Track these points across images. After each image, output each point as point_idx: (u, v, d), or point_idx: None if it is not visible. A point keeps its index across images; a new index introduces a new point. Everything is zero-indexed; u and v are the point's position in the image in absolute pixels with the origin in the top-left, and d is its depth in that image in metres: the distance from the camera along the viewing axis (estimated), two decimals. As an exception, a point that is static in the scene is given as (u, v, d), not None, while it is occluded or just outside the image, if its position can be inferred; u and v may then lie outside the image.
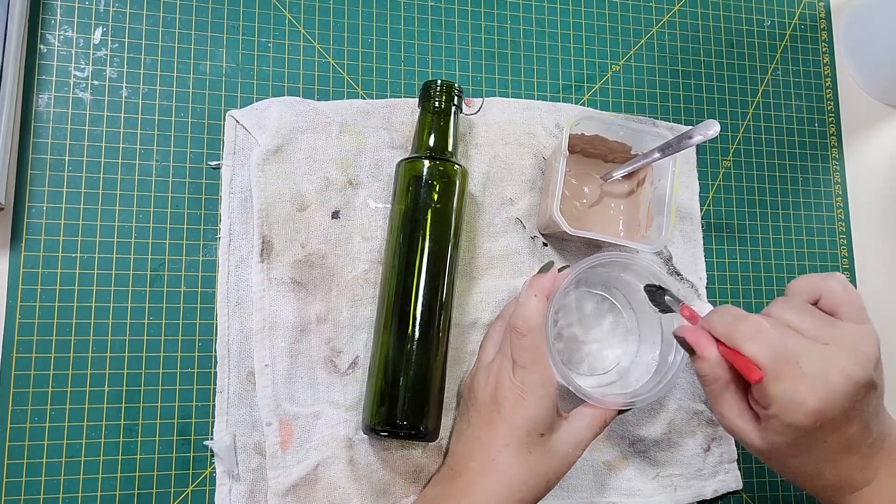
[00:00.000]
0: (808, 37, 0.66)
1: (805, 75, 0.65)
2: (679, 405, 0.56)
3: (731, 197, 0.61)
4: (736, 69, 0.63)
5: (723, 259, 0.60)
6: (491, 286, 0.54)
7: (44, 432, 0.47)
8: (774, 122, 0.63)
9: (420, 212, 0.49)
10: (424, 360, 0.47)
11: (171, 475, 0.49)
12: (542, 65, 0.59)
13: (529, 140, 0.56)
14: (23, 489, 0.46)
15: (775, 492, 0.58)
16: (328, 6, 0.56)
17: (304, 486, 0.48)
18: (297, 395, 0.49)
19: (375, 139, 0.53)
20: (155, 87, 0.52)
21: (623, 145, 0.55)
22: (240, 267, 0.51)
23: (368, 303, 0.52)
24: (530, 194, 0.56)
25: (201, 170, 0.52)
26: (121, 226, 0.50)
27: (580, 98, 0.60)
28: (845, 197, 0.64)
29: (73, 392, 0.48)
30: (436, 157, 0.50)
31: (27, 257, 0.49)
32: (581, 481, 0.53)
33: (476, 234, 0.54)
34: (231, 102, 0.53)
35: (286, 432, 0.48)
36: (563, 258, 0.56)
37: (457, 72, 0.58)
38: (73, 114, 0.51)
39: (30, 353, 0.48)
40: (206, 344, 0.50)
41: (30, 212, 0.49)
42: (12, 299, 0.48)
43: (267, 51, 0.55)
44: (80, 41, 0.52)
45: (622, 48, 0.61)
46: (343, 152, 0.53)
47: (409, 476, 0.50)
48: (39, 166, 0.50)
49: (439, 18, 0.58)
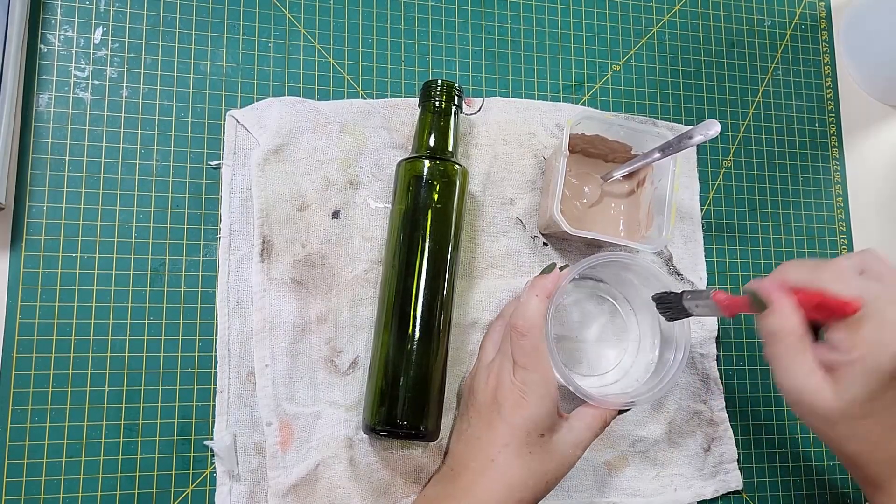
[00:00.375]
0: (808, 37, 0.66)
1: (805, 75, 0.65)
2: (679, 405, 0.56)
3: (731, 197, 0.61)
4: (736, 69, 0.63)
5: (723, 259, 0.60)
6: (491, 286, 0.54)
7: (44, 432, 0.47)
8: (774, 122, 0.63)
9: (420, 212, 0.49)
10: (424, 359, 0.47)
11: (171, 475, 0.49)
12: (542, 65, 0.59)
13: (530, 140, 0.56)
14: (23, 489, 0.46)
15: (775, 492, 0.58)
16: (328, 6, 0.56)
17: (304, 486, 0.48)
18: (297, 394, 0.49)
19: (376, 139, 0.53)
20: (155, 87, 0.52)
21: (623, 145, 0.55)
22: (240, 267, 0.51)
23: (369, 303, 0.52)
24: (530, 194, 0.56)
25: (201, 170, 0.52)
26: (121, 226, 0.50)
27: (580, 98, 0.60)
28: (845, 197, 0.64)
29: (73, 392, 0.48)
30: (436, 156, 0.50)
31: (27, 257, 0.49)
32: (581, 481, 0.53)
33: (476, 234, 0.54)
34: (231, 102, 0.53)
35: (286, 432, 0.48)
36: (564, 258, 0.56)
37: (457, 72, 0.58)
38: (73, 114, 0.51)
39: (30, 353, 0.48)
40: (207, 344, 0.50)
41: (30, 212, 0.49)
42: (12, 299, 0.48)
43: (267, 51, 0.55)
44: (81, 41, 0.52)
45: (622, 48, 0.61)
46: (343, 152, 0.53)
47: (410, 476, 0.50)
48: (39, 166, 0.50)
49: (439, 18, 0.58)
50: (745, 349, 0.59)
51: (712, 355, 0.57)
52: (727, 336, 0.59)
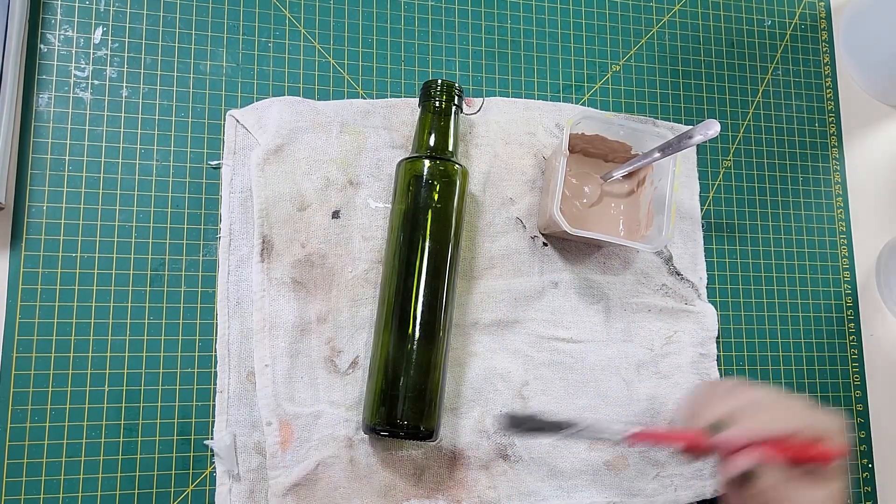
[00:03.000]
0: (808, 37, 0.66)
1: (805, 75, 0.65)
2: (679, 405, 0.55)
3: (731, 197, 0.61)
4: (736, 69, 0.63)
5: (723, 259, 0.60)
6: (491, 286, 0.54)
7: (44, 432, 0.47)
8: (774, 122, 0.63)
9: (420, 212, 0.49)
10: (425, 359, 0.47)
11: (171, 475, 0.49)
12: (542, 65, 0.59)
13: (529, 140, 0.56)
14: (23, 489, 0.46)
15: (775, 492, 0.58)
16: (328, 6, 0.56)
17: (304, 485, 0.48)
18: (297, 394, 0.49)
19: (376, 139, 0.53)
20: (155, 87, 0.52)
21: (623, 145, 0.55)
22: (240, 267, 0.51)
23: (369, 303, 0.51)
24: (530, 194, 0.56)
25: (201, 170, 0.52)
26: (121, 226, 0.50)
27: (580, 98, 0.60)
28: (845, 197, 0.64)
29: (73, 392, 0.48)
30: (436, 156, 0.50)
31: (27, 257, 0.49)
32: (581, 481, 0.53)
33: (476, 234, 0.54)
34: (231, 102, 0.53)
35: (286, 432, 0.48)
36: (564, 258, 0.56)
37: (457, 72, 0.58)
38: (73, 114, 0.51)
39: (30, 353, 0.48)
40: (207, 344, 0.50)
41: (30, 212, 0.49)
42: (12, 299, 0.48)
43: (267, 51, 0.55)
44: (81, 41, 0.52)
45: (622, 48, 0.61)
46: (343, 152, 0.53)
47: (410, 476, 0.50)
48: (39, 166, 0.50)
49: (439, 18, 0.58)
50: (745, 349, 0.59)
51: (712, 355, 0.57)
52: (727, 336, 0.59)
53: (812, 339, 0.61)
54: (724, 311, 0.59)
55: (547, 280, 0.55)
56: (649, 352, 0.56)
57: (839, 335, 0.61)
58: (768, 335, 0.60)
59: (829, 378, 0.60)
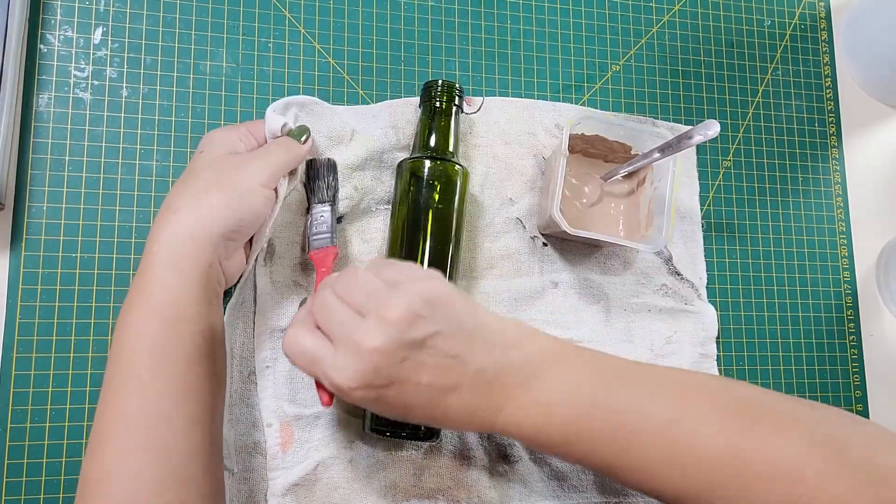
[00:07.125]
0: (808, 37, 0.66)
1: (805, 75, 0.65)
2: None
3: (731, 197, 0.61)
4: (736, 69, 0.63)
5: (723, 259, 0.60)
6: (491, 286, 0.54)
7: (44, 432, 0.47)
8: (774, 122, 0.63)
9: (421, 212, 0.49)
10: (425, 360, 0.47)
11: (171, 475, 0.48)
12: (542, 65, 0.59)
13: (529, 140, 0.56)
14: (23, 489, 0.46)
15: (775, 492, 0.58)
16: (328, 6, 0.56)
17: (304, 486, 0.48)
18: (298, 396, 0.49)
19: (383, 141, 0.53)
20: (155, 87, 0.52)
21: (623, 145, 0.55)
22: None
23: (369, 303, 0.51)
24: (530, 194, 0.56)
25: (201, 170, 0.52)
26: (121, 226, 0.50)
27: (580, 98, 0.60)
28: (845, 197, 0.64)
29: (73, 392, 0.48)
30: (437, 157, 0.50)
31: (27, 257, 0.49)
32: (581, 481, 0.53)
33: (476, 234, 0.54)
34: (231, 102, 0.53)
35: (287, 433, 0.48)
36: (564, 258, 0.56)
37: (457, 72, 0.58)
38: (73, 114, 0.51)
39: (30, 353, 0.48)
40: (207, 344, 0.50)
41: (30, 212, 0.49)
42: (12, 299, 0.48)
43: (267, 51, 0.55)
44: (81, 41, 0.52)
45: (622, 48, 0.61)
46: (349, 156, 0.52)
47: (410, 477, 0.50)
48: (39, 166, 0.50)
49: (439, 18, 0.58)
50: (745, 349, 0.59)
51: (712, 355, 0.57)
52: (727, 336, 0.59)
53: (812, 339, 0.61)
54: (724, 311, 0.59)
55: (547, 280, 0.55)
56: (649, 352, 0.56)
57: (839, 335, 0.61)
58: (768, 335, 0.60)
59: (829, 378, 0.60)
